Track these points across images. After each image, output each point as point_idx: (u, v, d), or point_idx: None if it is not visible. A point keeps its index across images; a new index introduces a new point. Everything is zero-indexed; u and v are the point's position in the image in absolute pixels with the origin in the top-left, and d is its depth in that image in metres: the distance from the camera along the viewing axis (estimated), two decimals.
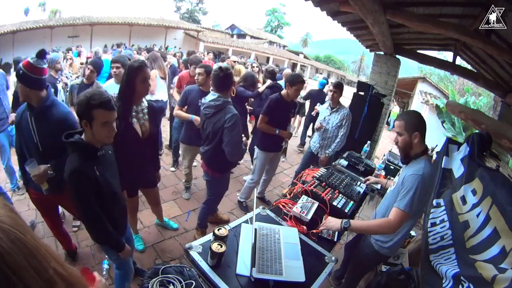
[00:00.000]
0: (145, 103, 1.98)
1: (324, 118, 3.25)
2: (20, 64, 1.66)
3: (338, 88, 3.20)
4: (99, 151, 1.39)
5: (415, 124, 1.58)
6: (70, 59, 6.40)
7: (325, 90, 5.56)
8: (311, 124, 5.20)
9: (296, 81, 2.75)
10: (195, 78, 2.90)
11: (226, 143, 2.07)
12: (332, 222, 1.60)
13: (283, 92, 2.88)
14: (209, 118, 2.15)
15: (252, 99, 3.97)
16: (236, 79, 3.73)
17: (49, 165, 1.65)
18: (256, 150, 3.06)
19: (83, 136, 1.37)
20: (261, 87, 3.78)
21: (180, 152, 3.47)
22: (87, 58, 7.61)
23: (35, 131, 1.70)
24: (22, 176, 1.98)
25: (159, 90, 3.61)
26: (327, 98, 3.45)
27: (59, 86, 3.39)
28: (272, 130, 2.84)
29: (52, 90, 3.10)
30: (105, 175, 1.39)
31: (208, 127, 2.19)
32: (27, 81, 1.62)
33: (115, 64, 2.77)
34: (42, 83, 1.68)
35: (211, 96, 2.15)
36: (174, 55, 7.08)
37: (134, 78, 1.82)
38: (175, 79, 3.83)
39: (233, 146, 2.08)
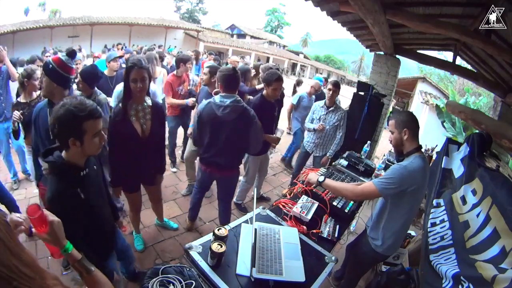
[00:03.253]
0: (148, 103, 1.97)
1: (320, 117, 3.24)
2: (50, 59, 1.70)
3: (338, 87, 3.18)
4: (82, 170, 1.24)
5: (404, 121, 1.63)
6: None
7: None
8: None
9: (271, 80, 2.51)
10: (200, 77, 2.85)
11: (255, 136, 2.18)
12: (311, 176, 1.89)
13: (264, 92, 2.65)
14: (230, 121, 2.06)
15: (250, 97, 3.94)
16: (255, 82, 3.75)
17: None
18: (246, 154, 3.02)
19: (63, 154, 1.20)
20: (259, 85, 3.69)
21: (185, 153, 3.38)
22: (94, 57, 7.62)
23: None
24: (35, 171, 1.99)
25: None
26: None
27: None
28: None
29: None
30: (89, 196, 1.25)
31: (226, 131, 2.09)
32: (56, 77, 1.68)
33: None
34: (69, 81, 1.75)
35: (228, 98, 2.06)
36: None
37: (127, 77, 1.84)
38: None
39: (261, 136, 2.25)
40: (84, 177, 1.26)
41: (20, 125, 2.36)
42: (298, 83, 6.47)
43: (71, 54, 1.73)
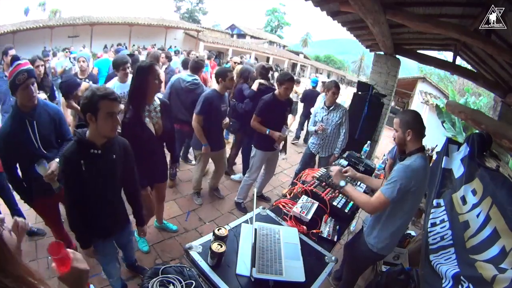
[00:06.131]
0: (157, 101, 2.01)
1: (322, 118, 3.24)
2: (31, 67, 1.68)
3: (339, 88, 3.23)
4: (93, 149, 1.39)
5: (408, 122, 1.63)
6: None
7: (317, 88, 5.63)
8: (306, 121, 5.36)
9: (284, 80, 2.71)
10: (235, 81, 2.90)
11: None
12: (336, 176, 1.85)
13: (276, 91, 2.82)
14: (190, 90, 3.10)
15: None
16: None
17: (57, 159, 1.68)
18: (253, 149, 3.05)
19: (87, 132, 1.41)
20: (254, 85, 3.50)
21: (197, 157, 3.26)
22: (97, 57, 7.62)
23: (37, 133, 1.70)
24: (22, 195, 1.84)
25: None
26: (321, 97, 3.37)
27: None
28: (262, 130, 2.81)
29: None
30: (91, 173, 1.39)
31: (189, 97, 3.11)
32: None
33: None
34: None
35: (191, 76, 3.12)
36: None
37: (146, 77, 1.84)
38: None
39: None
40: (94, 155, 1.39)
41: None
42: (296, 82, 6.51)
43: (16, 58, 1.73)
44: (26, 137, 1.68)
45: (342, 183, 1.79)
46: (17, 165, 1.78)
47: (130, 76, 2.87)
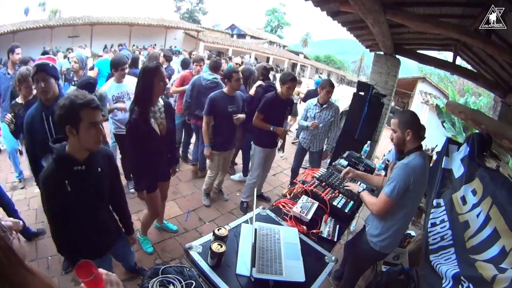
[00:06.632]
0: (161, 102, 2.03)
1: (315, 115, 3.29)
2: (45, 62, 1.80)
3: (333, 87, 3.31)
4: (76, 165, 1.27)
5: (407, 122, 1.65)
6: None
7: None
8: None
9: (286, 80, 2.78)
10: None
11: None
12: (353, 187, 2.03)
13: (279, 90, 2.91)
14: (209, 88, 3.19)
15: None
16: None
17: None
18: (253, 146, 3.09)
19: (67, 145, 1.28)
20: (252, 90, 3.50)
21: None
22: (99, 56, 7.61)
23: (52, 128, 1.76)
24: (36, 177, 1.95)
25: None
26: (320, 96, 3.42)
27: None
28: (266, 127, 2.88)
29: None
30: (78, 192, 1.28)
31: (206, 94, 2.99)
32: (56, 72, 1.81)
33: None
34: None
35: (212, 75, 3.28)
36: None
37: (152, 79, 1.84)
38: (174, 79, 3.84)
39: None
40: (78, 172, 1.28)
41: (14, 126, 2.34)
42: (298, 82, 6.51)
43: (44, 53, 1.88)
44: (42, 129, 1.77)
45: (360, 189, 1.92)
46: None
47: (127, 77, 2.89)
